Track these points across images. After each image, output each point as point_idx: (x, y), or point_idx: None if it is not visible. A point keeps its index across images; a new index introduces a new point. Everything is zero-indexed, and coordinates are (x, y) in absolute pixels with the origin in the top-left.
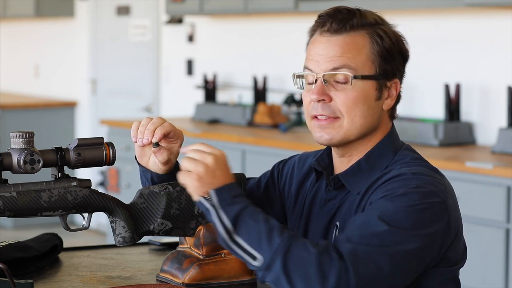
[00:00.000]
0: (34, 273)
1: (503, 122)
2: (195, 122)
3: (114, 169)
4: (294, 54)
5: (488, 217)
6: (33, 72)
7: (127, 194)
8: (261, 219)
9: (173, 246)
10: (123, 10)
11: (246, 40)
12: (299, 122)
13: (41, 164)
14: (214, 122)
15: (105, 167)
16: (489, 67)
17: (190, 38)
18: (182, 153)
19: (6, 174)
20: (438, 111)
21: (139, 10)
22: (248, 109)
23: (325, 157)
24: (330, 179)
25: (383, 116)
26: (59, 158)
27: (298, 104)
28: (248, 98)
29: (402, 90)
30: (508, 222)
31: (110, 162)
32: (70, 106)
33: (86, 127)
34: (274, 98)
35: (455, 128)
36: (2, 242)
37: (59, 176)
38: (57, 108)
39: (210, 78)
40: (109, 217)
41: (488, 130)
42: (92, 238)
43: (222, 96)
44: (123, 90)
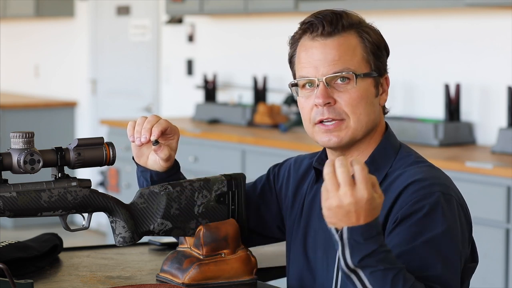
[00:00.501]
0: (34, 273)
1: (503, 122)
2: (195, 122)
3: (114, 169)
4: None
5: (488, 217)
6: (33, 72)
7: (127, 194)
8: (388, 263)
9: (173, 246)
10: (123, 10)
11: (246, 40)
12: (299, 122)
13: (41, 164)
14: (214, 122)
15: (105, 167)
16: (489, 67)
17: (190, 38)
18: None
19: (6, 174)
20: (438, 111)
21: (139, 10)
22: (248, 109)
23: (324, 157)
24: None
25: (380, 111)
26: (59, 158)
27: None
28: (248, 98)
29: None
30: (508, 222)
31: (110, 162)
32: (70, 106)
33: (86, 127)
34: (274, 98)
35: (455, 128)
36: (2, 242)
37: (59, 176)
38: (57, 108)
39: (210, 78)
40: (109, 217)
41: (488, 130)
42: (92, 238)
43: (222, 96)
44: (123, 90)
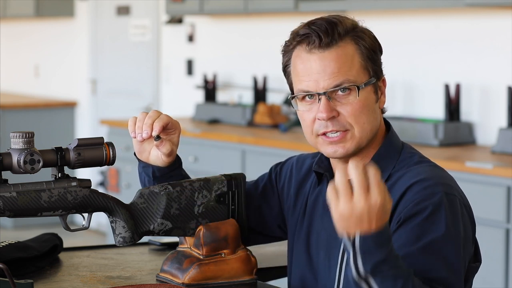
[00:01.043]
0: (34, 273)
1: (503, 122)
2: (195, 122)
3: (114, 169)
4: None
5: (488, 217)
6: (33, 72)
7: (127, 194)
8: (398, 270)
9: (173, 246)
10: (123, 10)
11: (246, 40)
12: (299, 122)
13: (41, 164)
14: (214, 122)
15: (105, 167)
16: (489, 67)
17: (190, 38)
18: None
19: (6, 174)
20: (438, 111)
21: (139, 10)
22: (248, 109)
23: (324, 159)
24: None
25: (380, 114)
26: (59, 158)
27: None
28: (248, 98)
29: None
30: (508, 222)
31: (110, 162)
32: (70, 106)
33: (86, 127)
34: (274, 98)
35: (455, 128)
36: (2, 242)
37: (59, 176)
38: (57, 108)
39: (210, 78)
40: (109, 217)
41: (488, 130)
42: (92, 238)
43: (222, 96)
44: (123, 90)
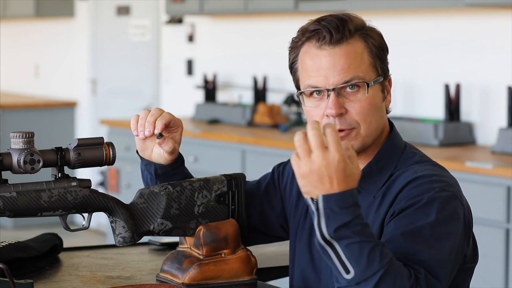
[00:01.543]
0: (34, 273)
1: (503, 122)
2: (195, 122)
3: (114, 169)
4: None
5: (488, 217)
6: (33, 72)
7: (127, 194)
8: (366, 236)
9: (173, 246)
10: (123, 10)
11: (246, 40)
12: (299, 122)
13: (41, 164)
14: (214, 122)
15: (105, 167)
16: (489, 67)
17: (190, 38)
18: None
19: (6, 174)
20: (438, 111)
21: (139, 10)
22: (248, 109)
23: None
24: None
25: (385, 113)
26: (59, 158)
27: (298, 104)
28: (248, 98)
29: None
30: (508, 222)
31: (110, 162)
32: (70, 106)
33: (86, 127)
34: (274, 98)
35: (455, 128)
36: (2, 242)
37: (59, 176)
38: (57, 108)
39: (210, 78)
40: (109, 217)
41: (488, 130)
42: (92, 238)
43: (222, 96)
44: (123, 90)
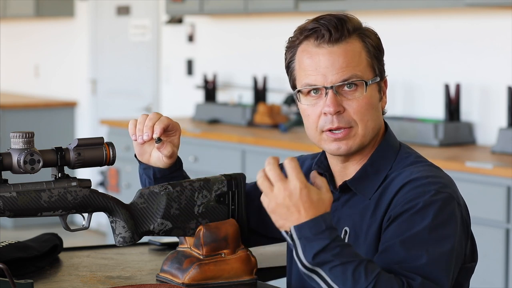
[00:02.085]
0: (34, 273)
1: (503, 122)
2: (195, 122)
3: (114, 169)
4: None
5: (488, 217)
6: (33, 72)
7: (127, 194)
8: (346, 256)
9: (173, 246)
10: (123, 10)
11: (246, 40)
12: (299, 122)
13: (41, 164)
14: (214, 122)
15: (105, 167)
16: (489, 67)
17: (190, 38)
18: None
19: (6, 174)
20: (438, 111)
21: (139, 10)
22: (248, 109)
23: (323, 159)
24: (334, 185)
25: (381, 114)
26: (59, 158)
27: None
28: (248, 98)
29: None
30: (508, 222)
31: (110, 162)
32: (70, 106)
33: (86, 127)
34: (274, 98)
35: (455, 128)
36: (2, 242)
37: (59, 176)
38: (57, 108)
39: (210, 78)
40: (109, 217)
41: (488, 130)
42: (92, 238)
43: (222, 96)
44: (123, 90)
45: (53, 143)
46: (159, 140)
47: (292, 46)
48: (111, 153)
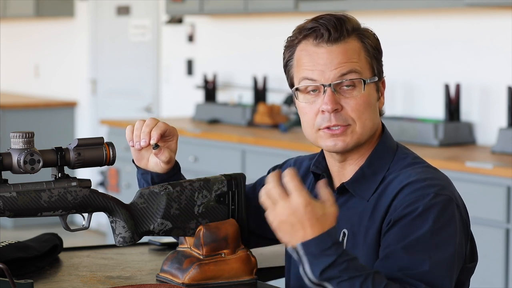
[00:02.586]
0: (34, 273)
1: (503, 122)
2: (195, 122)
3: (114, 169)
4: None
5: (488, 217)
6: (33, 72)
7: (127, 194)
8: (353, 271)
9: (173, 246)
10: (123, 10)
11: (246, 40)
12: (299, 122)
13: (41, 164)
14: (214, 122)
15: (105, 167)
16: (489, 67)
17: (190, 38)
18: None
19: (6, 174)
20: (438, 111)
21: (139, 10)
22: (248, 109)
23: (321, 160)
24: (333, 185)
25: (378, 113)
26: (59, 158)
27: None
28: (248, 98)
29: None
30: (508, 222)
31: (110, 162)
32: (70, 106)
33: (86, 127)
34: (274, 98)
35: (455, 128)
36: (2, 242)
37: (59, 176)
38: (57, 108)
39: (210, 78)
40: (109, 217)
41: (488, 130)
42: (92, 238)
43: (222, 96)
44: (123, 90)
45: (53, 143)
46: (156, 146)
47: (291, 45)
48: (111, 153)
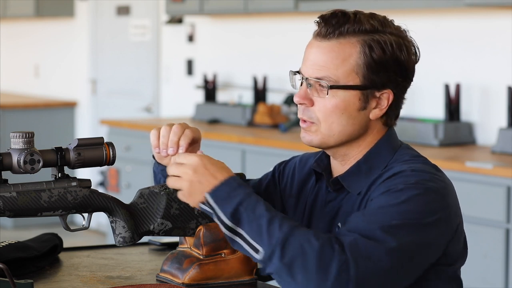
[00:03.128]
0: (34, 273)
1: (503, 122)
2: (195, 122)
3: (114, 169)
4: (294, 54)
5: (488, 217)
6: (33, 72)
7: (127, 194)
8: (261, 210)
9: (173, 246)
10: (123, 10)
11: (246, 40)
12: (298, 122)
13: (41, 164)
14: (214, 122)
15: (105, 167)
16: (489, 67)
17: (190, 38)
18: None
19: (6, 174)
20: (438, 111)
21: (139, 10)
22: (248, 109)
23: (324, 158)
24: (329, 181)
25: (372, 124)
26: (59, 158)
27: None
28: (248, 98)
29: (405, 97)
30: (508, 222)
31: (110, 162)
32: (70, 106)
33: (86, 127)
34: (274, 98)
35: (455, 128)
36: (2, 242)
37: (59, 176)
38: (57, 108)
39: (210, 78)
40: (109, 217)
41: (488, 130)
42: (92, 238)
43: (222, 96)
44: (123, 90)
45: (53, 143)
46: None
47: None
48: (111, 153)
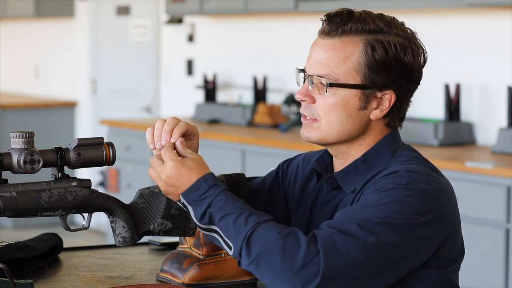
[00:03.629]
0: (34, 273)
1: (503, 122)
2: (195, 122)
3: (114, 169)
4: (294, 54)
5: (488, 217)
6: (33, 72)
7: (127, 194)
8: (229, 209)
9: (173, 246)
10: (123, 10)
11: (246, 40)
12: (299, 122)
13: (41, 164)
14: (214, 122)
15: (105, 167)
16: (489, 67)
17: (190, 38)
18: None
19: (6, 174)
20: (438, 111)
21: (139, 10)
22: (248, 109)
23: (326, 157)
24: (326, 177)
25: (374, 125)
26: (59, 158)
27: (298, 104)
28: (248, 98)
29: (411, 100)
30: (508, 222)
31: (110, 162)
32: (70, 106)
33: (86, 127)
34: (274, 98)
35: (455, 128)
36: (2, 242)
37: (59, 176)
38: (57, 108)
39: (210, 78)
40: (109, 217)
41: (488, 130)
42: (92, 238)
43: (222, 96)
44: (123, 90)
45: (53, 143)
46: None
47: None
48: (111, 153)
